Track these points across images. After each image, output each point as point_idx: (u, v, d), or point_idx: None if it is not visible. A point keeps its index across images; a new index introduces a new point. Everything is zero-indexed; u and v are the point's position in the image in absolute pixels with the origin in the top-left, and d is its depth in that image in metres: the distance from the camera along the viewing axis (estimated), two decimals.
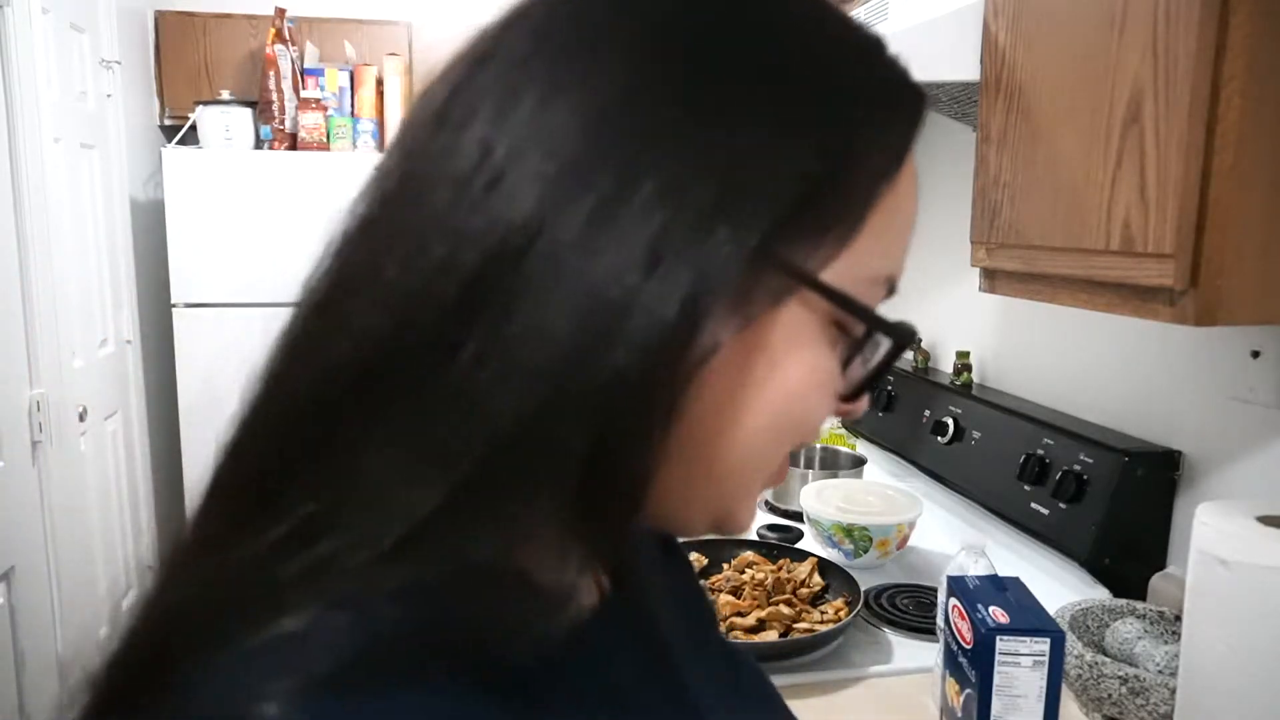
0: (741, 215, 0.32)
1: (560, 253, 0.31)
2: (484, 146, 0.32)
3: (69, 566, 2.40)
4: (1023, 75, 1.03)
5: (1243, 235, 0.81)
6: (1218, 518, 0.83)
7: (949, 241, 1.83)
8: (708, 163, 0.32)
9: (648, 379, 0.31)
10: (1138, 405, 1.33)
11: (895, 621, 1.26)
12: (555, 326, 0.31)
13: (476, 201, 0.32)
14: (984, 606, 0.89)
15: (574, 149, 0.32)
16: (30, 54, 2.23)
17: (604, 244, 0.31)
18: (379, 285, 0.33)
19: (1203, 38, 0.78)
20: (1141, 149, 0.85)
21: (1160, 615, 1.10)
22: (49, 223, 2.32)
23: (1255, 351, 1.11)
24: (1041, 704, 0.87)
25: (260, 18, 3.31)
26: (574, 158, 0.32)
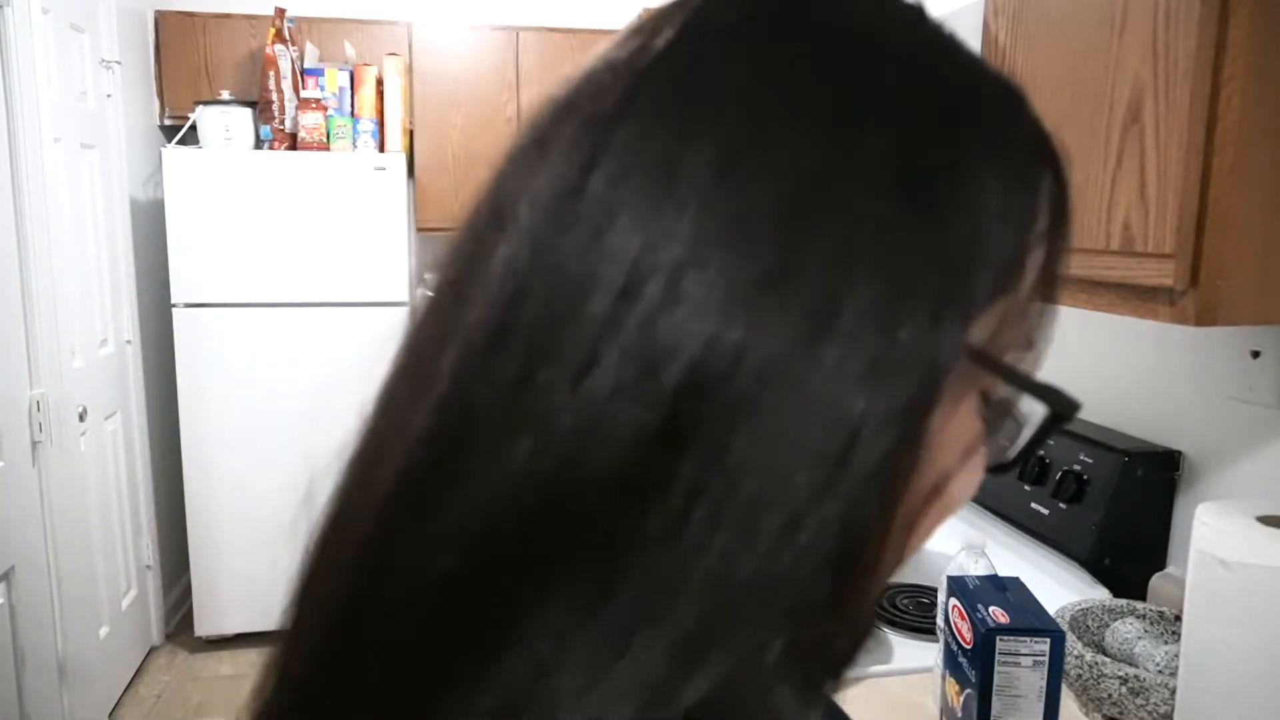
0: (961, 311, 0.29)
1: (772, 374, 0.26)
2: (646, 243, 0.27)
3: (69, 566, 2.40)
4: (1023, 75, 1.03)
5: (1243, 235, 0.81)
6: (1218, 518, 0.83)
7: None
8: (928, 258, 0.28)
9: (886, 500, 0.28)
10: (1138, 405, 1.33)
11: (895, 621, 1.26)
12: (779, 456, 0.26)
13: (653, 314, 0.26)
14: (984, 606, 0.89)
15: (767, 246, 0.27)
16: (30, 54, 2.23)
17: (822, 359, 0.27)
18: (530, 416, 0.27)
19: (1203, 37, 0.78)
20: (1141, 149, 0.85)
21: (1160, 615, 1.10)
22: (49, 223, 2.32)
23: (1255, 351, 1.11)
24: (1041, 704, 0.87)
25: (260, 18, 3.31)
26: (770, 258, 0.27)
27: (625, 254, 0.27)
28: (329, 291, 3.03)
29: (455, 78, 3.53)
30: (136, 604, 3.04)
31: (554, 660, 0.26)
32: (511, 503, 0.27)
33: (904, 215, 0.28)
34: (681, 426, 0.26)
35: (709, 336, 0.26)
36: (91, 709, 2.56)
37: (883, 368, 0.27)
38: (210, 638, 3.22)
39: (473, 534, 0.27)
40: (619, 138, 0.28)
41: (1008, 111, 0.33)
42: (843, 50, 0.29)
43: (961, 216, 0.29)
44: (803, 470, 0.27)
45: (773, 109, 0.28)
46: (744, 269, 0.26)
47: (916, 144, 0.29)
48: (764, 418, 0.26)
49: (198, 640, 3.22)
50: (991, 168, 0.30)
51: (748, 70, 0.29)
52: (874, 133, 0.28)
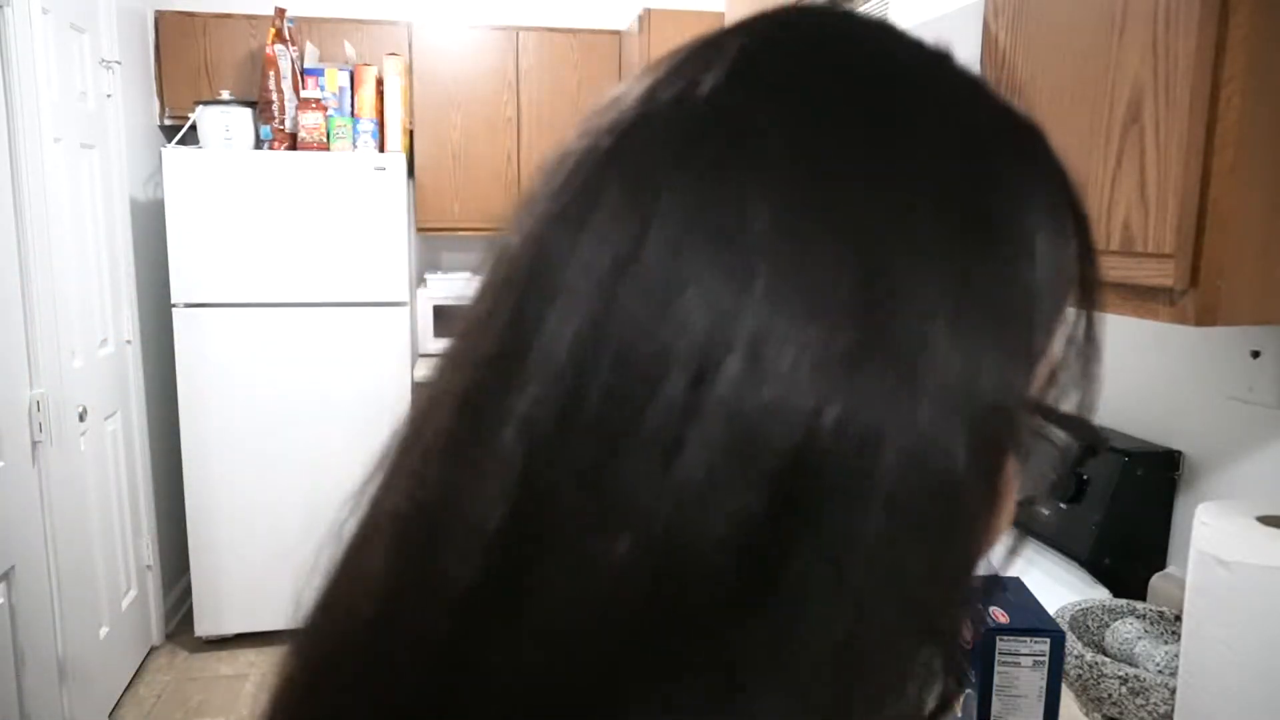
0: (1029, 360, 0.29)
1: (873, 443, 0.25)
2: (718, 315, 0.25)
3: (69, 566, 2.40)
4: (1023, 75, 1.03)
5: (1243, 235, 0.81)
6: (1218, 518, 0.83)
7: None
8: (1000, 309, 0.28)
9: (976, 551, 0.30)
10: (1138, 405, 1.33)
11: None
12: (890, 527, 0.26)
13: (739, 391, 0.25)
14: (984, 606, 0.89)
15: (850, 313, 0.25)
16: (30, 54, 2.23)
17: (918, 422, 0.26)
18: (622, 507, 0.25)
19: (1203, 37, 0.78)
20: (1141, 149, 0.85)
21: (1160, 615, 1.10)
22: (49, 223, 2.32)
23: (1255, 351, 1.11)
24: (1041, 704, 0.87)
25: (260, 18, 3.31)
26: (856, 324, 0.25)
27: (698, 327, 0.25)
28: (329, 292, 3.03)
29: (455, 78, 3.53)
30: (136, 604, 3.04)
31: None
32: (611, 600, 0.25)
33: (974, 268, 0.27)
34: (788, 506, 0.25)
35: (808, 412, 0.25)
36: (91, 709, 2.56)
37: (972, 424, 0.26)
38: (210, 638, 3.22)
39: (567, 634, 0.25)
40: (674, 200, 0.26)
41: (1042, 153, 0.33)
42: (890, 99, 0.29)
43: (1025, 265, 0.29)
44: (912, 538, 0.26)
45: (830, 164, 0.27)
46: (831, 338, 0.25)
47: (972, 191, 0.28)
48: (873, 488, 0.25)
49: (197, 640, 3.22)
50: (1038, 212, 0.30)
51: (798, 121, 0.27)
52: (931, 186, 0.28)
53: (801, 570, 0.25)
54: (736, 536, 0.24)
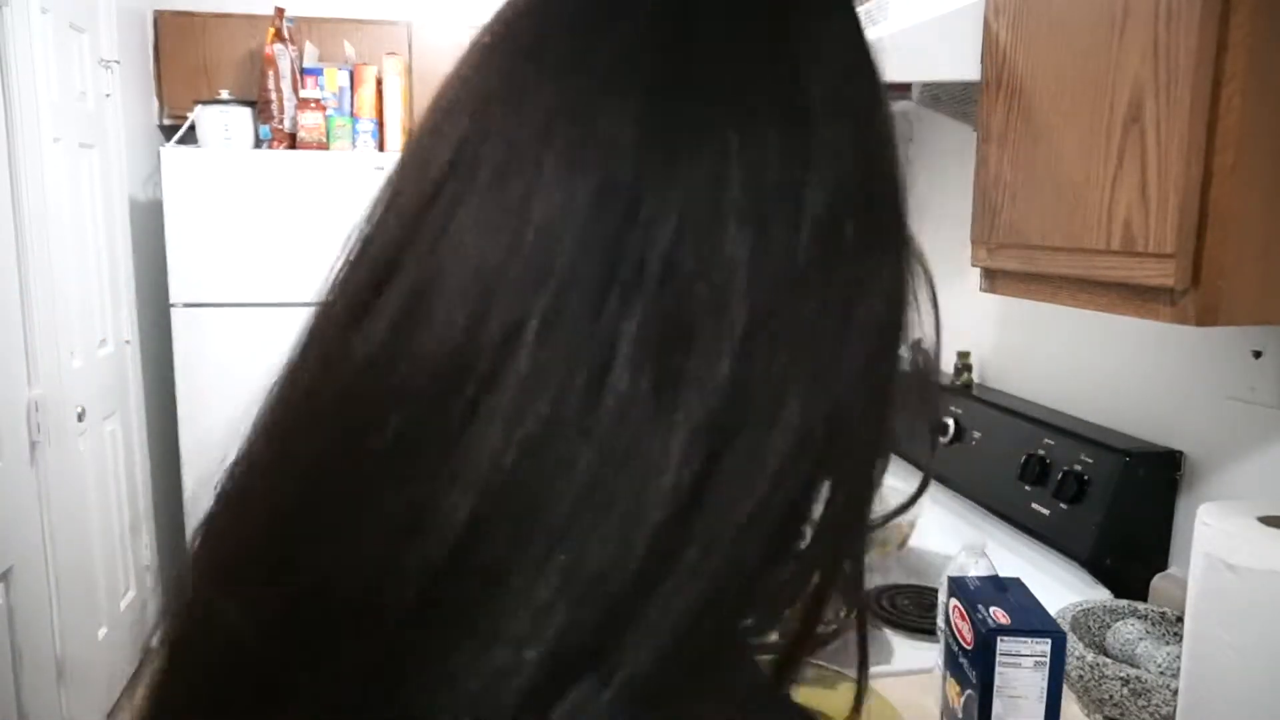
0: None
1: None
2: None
3: (68, 566, 2.40)
4: (1023, 75, 1.03)
5: (1243, 235, 0.81)
6: (1219, 518, 0.83)
7: (949, 241, 1.83)
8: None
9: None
10: (1138, 405, 1.33)
11: (895, 621, 1.25)
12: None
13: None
14: (984, 607, 0.89)
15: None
16: (30, 54, 2.23)
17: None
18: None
19: (1203, 37, 0.78)
20: (1142, 148, 0.85)
21: (1162, 616, 1.10)
22: (48, 223, 2.32)
23: (1256, 351, 1.11)
24: (1042, 705, 0.86)
25: (260, 17, 3.30)
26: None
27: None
28: None
29: None
30: (135, 604, 3.04)
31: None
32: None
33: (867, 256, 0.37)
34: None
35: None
36: (90, 709, 2.56)
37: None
38: None
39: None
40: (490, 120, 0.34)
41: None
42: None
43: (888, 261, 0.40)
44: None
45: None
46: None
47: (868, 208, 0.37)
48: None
49: None
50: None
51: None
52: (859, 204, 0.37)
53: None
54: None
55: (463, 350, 0.30)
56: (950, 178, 1.82)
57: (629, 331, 0.29)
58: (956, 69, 1.13)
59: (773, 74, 0.33)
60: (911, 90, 1.38)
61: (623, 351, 0.29)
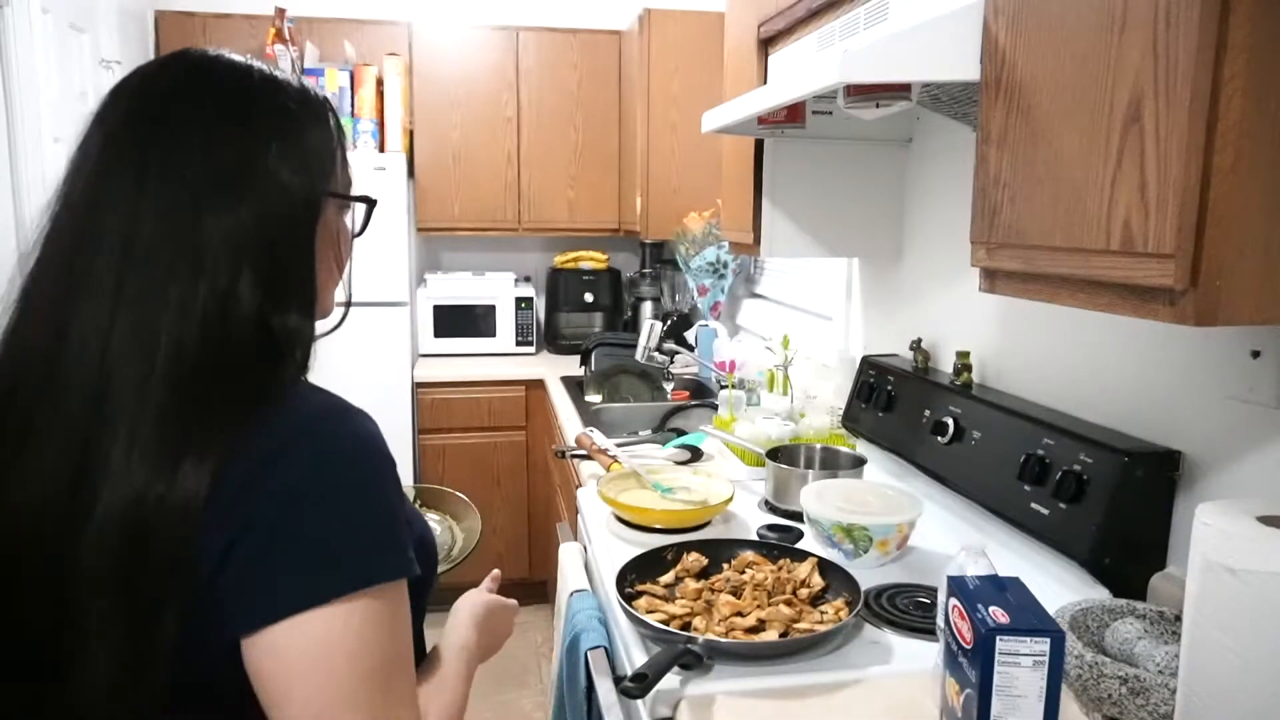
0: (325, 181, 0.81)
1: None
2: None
3: None
4: (1023, 75, 1.03)
5: (1243, 235, 0.81)
6: (1218, 518, 0.83)
7: (949, 241, 1.83)
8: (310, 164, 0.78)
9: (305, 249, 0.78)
10: (1138, 405, 1.33)
11: (895, 621, 1.26)
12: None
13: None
14: (984, 606, 0.89)
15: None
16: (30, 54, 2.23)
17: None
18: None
19: (1203, 37, 0.78)
20: (1142, 149, 0.85)
21: (1160, 615, 1.10)
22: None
23: (1255, 351, 1.11)
24: (1041, 704, 0.87)
25: (260, 18, 3.31)
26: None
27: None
28: None
29: (455, 78, 3.53)
30: None
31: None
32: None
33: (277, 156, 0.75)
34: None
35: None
36: None
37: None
38: None
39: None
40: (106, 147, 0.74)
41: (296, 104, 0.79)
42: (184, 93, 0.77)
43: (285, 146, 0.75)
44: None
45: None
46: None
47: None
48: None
49: None
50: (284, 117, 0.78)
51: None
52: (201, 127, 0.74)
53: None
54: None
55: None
56: (950, 178, 1.82)
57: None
58: (956, 69, 1.13)
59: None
60: (911, 90, 1.38)
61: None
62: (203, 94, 0.73)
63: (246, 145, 0.72)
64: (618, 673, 1.25)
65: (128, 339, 0.67)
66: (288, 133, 0.74)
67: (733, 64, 2.20)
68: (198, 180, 0.70)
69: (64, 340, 0.68)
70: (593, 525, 1.69)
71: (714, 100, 1.99)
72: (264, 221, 0.71)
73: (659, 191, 3.41)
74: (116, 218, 0.69)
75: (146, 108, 0.72)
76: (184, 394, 0.67)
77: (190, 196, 0.69)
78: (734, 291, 3.35)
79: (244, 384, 0.69)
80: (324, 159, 0.78)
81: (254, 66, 0.76)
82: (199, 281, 0.68)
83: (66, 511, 0.65)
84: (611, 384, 3.04)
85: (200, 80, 0.74)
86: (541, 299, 3.94)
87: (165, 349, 0.67)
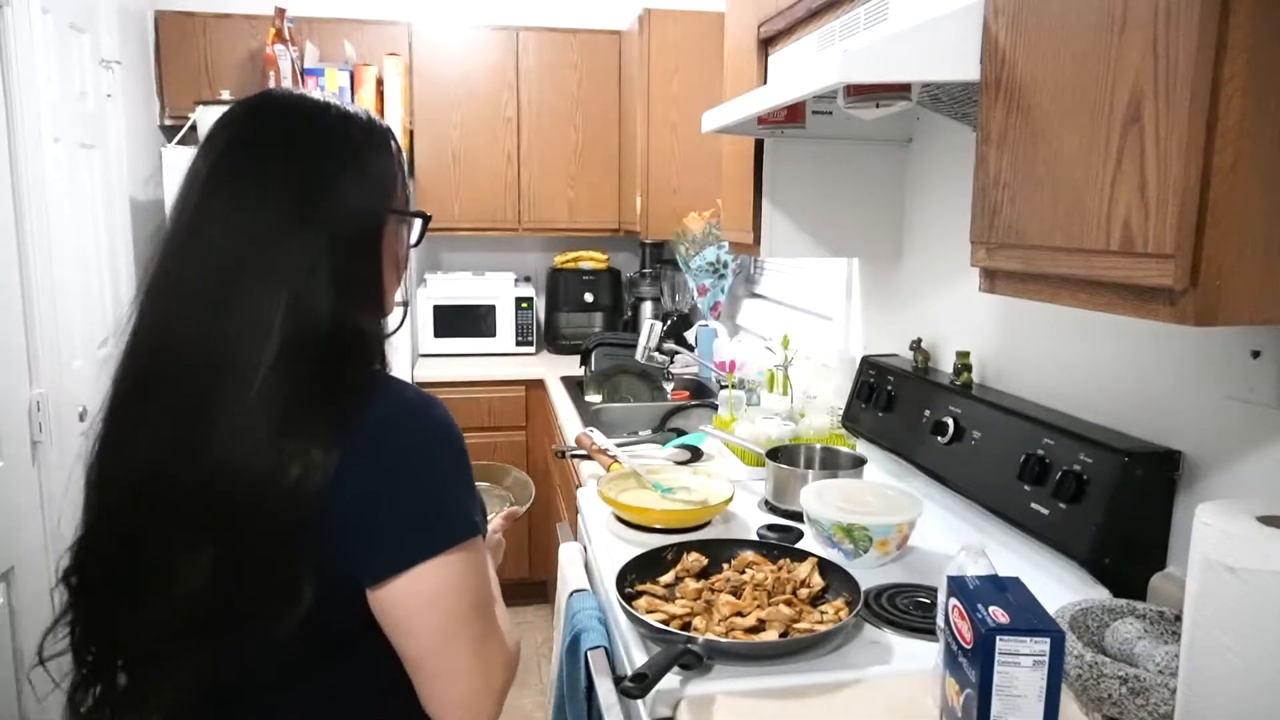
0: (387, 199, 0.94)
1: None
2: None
3: None
4: (1023, 75, 1.03)
5: (1243, 235, 0.81)
6: (1218, 518, 0.83)
7: (949, 241, 1.83)
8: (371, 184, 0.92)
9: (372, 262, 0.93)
10: (1138, 405, 1.33)
11: (895, 621, 1.26)
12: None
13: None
14: (984, 606, 0.89)
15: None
16: (30, 54, 2.23)
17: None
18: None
19: (1203, 37, 0.78)
20: (1141, 149, 0.85)
21: (1160, 615, 1.10)
22: (49, 223, 2.32)
23: (1255, 351, 1.11)
24: (1041, 704, 0.87)
25: (260, 18, 3.31)
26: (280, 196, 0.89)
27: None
28: None
29: (455, 78, 3.53)
30: None
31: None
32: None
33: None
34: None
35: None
36: None
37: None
38: None
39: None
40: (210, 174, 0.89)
41: (368, 135, 0.93)
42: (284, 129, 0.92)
43: (356, 171, 0.90)
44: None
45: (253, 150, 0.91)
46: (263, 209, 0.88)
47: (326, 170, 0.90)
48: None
49: None
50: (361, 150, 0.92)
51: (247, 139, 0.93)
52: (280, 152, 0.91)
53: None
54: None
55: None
56: (950, 178, 1.82)
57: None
58: (956, 69, 1.13)
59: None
60: (911, 90, 1.38)
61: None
62: (283, 132, 0.89)
63: (322, 175, 0.87)
64: (618, 673, 1.25)
65: (228, 338, 0.81)
66: (356, 162, 0.89)
67: (733, 64, 2.20)
68: (282, 206, 0.84)
69: (179, 337, 0.84)
70: (593, 525, 1.69)
71: (714, 100, 1.99)
72: (338, 239, 0.85)
73: (659, 191, 3.41)
74: (216, 237, 0.84)
75: (240, 141, 0.88)
76: (279, 383, 0.80)
77: (278, 219, 0.84)
78: (734, 291, 3.35)
79: (331, 375, 0.83)
80: (386, 182, 0.92)
81: (329, 106, 0.91)
82: (284, 290, 0.82)
83: (178, 478, 0.81)
84: (611, 384, 3.04)
85: (281, 120, 0.90)
86: (541, 299, 3.94)
87: (259, 347, 0.80)
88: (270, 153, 0.87)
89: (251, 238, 0.83)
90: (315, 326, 0.82)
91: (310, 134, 0.89)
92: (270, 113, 0.91)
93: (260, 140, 0.88)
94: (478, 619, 0.87)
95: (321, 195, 0.85)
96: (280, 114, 0.91)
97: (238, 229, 0.84)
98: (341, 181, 0.87)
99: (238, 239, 0.83)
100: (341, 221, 0.86)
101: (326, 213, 0.85)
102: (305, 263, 0.83)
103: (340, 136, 0.89)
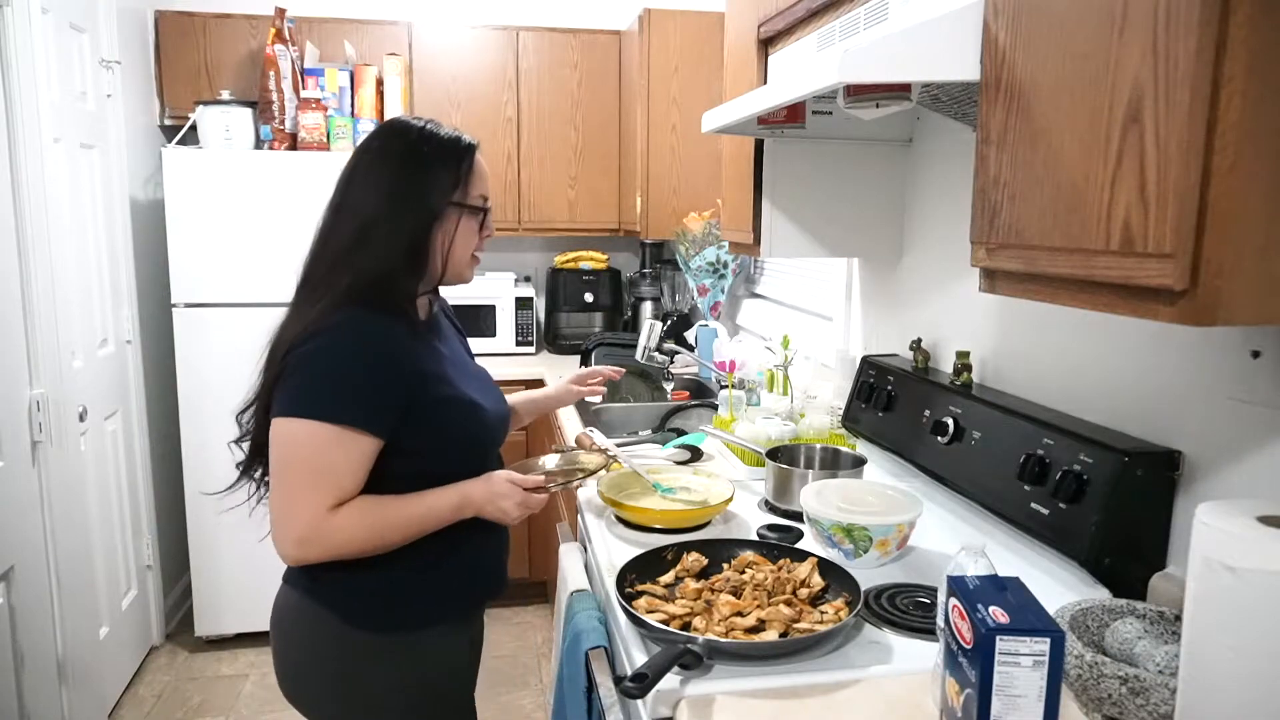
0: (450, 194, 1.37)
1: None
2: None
3: (69, 566, 2.40)
4: (1023, 75, 1.03)
5: (1243, 235, 0.81)
6: (1218, 518, 0.83)
7: (949, 241, 1.83)
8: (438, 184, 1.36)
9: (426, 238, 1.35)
10: (1138, 405, 1.33)
11: (895, 621, 1.26)
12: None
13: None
14: (984, 606, 0.89)
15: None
16: (30, 54, 2.23)
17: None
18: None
19: (1203, 38, 0.78)
20: (1141, 149, 0.85)
21: (1160, 615, 1.10)
22: (49, 223, 2.32)
23: (1255, 351, 1.12)
24: (1041, 704, 0.87)
25: (260, 18, 3.31)
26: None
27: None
28: None
29: (455, 78, 3.53)
30: (136, 604, 3.04)
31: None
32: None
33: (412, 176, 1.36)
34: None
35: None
36: (91, 709, 2.56)
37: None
38: (210, 638, 3.22)
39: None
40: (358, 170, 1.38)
41: (449, 151, 1.37)
42: (399, 143, 1.38)
43: (438, 174, 1.35)
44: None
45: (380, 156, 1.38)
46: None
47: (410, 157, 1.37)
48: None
49: (198, 640, 3.22)
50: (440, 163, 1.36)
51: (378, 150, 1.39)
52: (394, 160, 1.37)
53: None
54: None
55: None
56: (950, 178, 1.82)
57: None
58: (956, 69, 1.13)
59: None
60: (911, 90, 1.38)
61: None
62: (388, 147, 1.34)
63: (410, 178, 1.31)
64: (618, 673, 1.25)
65: (341, 268, 1.30)
66: (433, 168, 1.32)
67: (733, 64, 2.20)
68: (384, 201, 1.30)
69: (315, 271, 1.34)
70: (593, 525, 1.69)
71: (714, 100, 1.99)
72: (413, 224, 1.31)
73: (659, 191, 3.41)
74: (349, 217, 1.32)
75: (364, 149, 1.36)
76: (346, 292, 1.28)
77: (385, 208, 1.30)
78: (734, 291, 3.35)
79: (358, 297, 1.28)
80: (457, 182, 1.34)
81: (423, 128, 1.36)
82: (377, 253, 1.29)
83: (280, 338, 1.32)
84: (611, 384, 3.04)
85: (389, 138, 1.36)
86: (541, 299, 3.94)
87: (352, 273, 1.29)
88: (371, 160, 1.34)
89: (364, 219, 1.30)
90: (374, 267, 1.28)
91: (402, 150, 1.33)
92: (385, 134, 1.37)
93: (378, 152, 1.35)
94: (293, 478, 1.21)
95: (409, 193, 1.30)
96: (389, 134, 1.36)
97: (359, 204, 1.31)
98: (422, 183, 1.31)
99: (359, 219, 1.30)
100: (419, 213, 1.31)
101: (409, 205, 1.30)
102: (385, 229, 1.29)
103: (423, 151, 1.33)
